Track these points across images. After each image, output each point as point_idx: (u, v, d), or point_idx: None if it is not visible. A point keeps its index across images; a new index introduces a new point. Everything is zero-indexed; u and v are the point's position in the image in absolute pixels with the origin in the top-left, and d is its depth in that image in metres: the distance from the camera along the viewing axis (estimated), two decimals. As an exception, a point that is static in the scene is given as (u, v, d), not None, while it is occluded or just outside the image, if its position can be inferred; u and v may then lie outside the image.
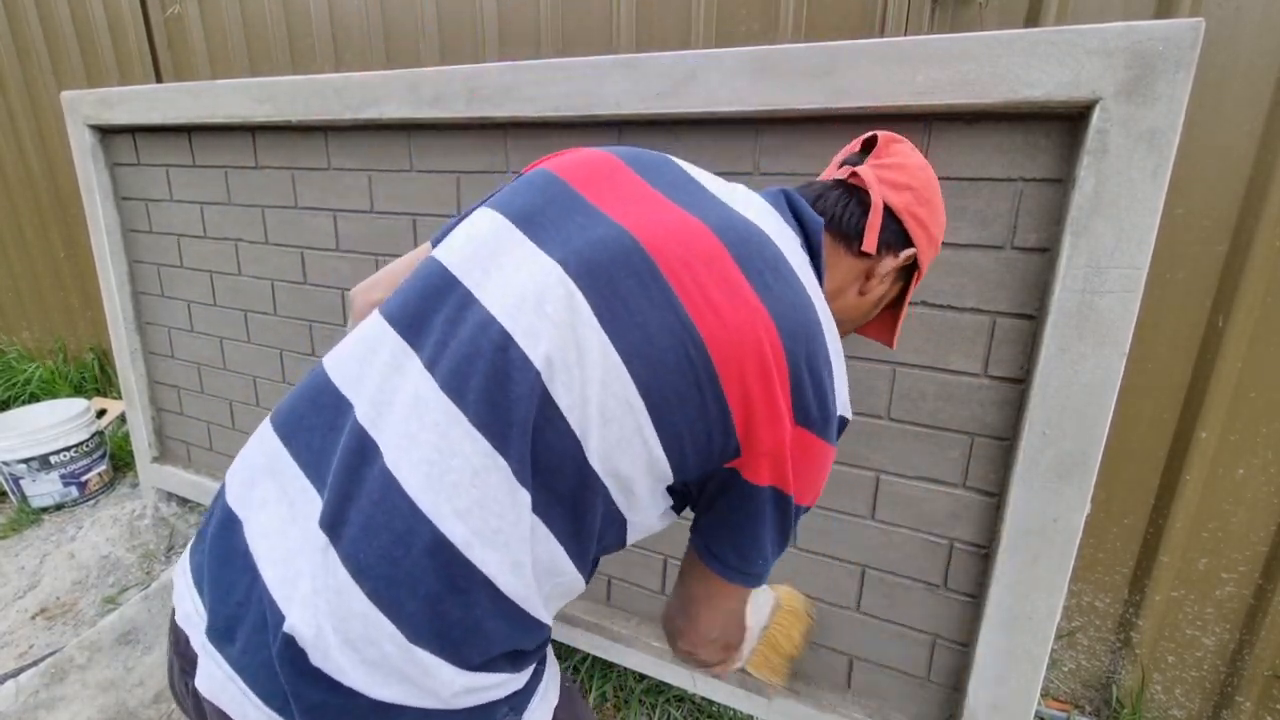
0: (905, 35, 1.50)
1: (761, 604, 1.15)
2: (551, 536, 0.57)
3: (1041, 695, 1.51)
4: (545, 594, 0.60)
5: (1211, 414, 1.37)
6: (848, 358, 0.66)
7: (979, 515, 1.09)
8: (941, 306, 1.04)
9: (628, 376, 0.54)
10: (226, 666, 0.56)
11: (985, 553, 1.10)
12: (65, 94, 1.87)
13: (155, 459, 2.18)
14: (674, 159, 0.69)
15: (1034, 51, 0.87)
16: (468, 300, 0.57)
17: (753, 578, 0.65)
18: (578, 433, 0.54)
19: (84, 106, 1.83)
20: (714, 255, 0.56)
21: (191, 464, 2.15)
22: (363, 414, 0.56)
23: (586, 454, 0.55)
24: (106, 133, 1.88)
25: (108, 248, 1.94)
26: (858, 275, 0.73)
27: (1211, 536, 1.44)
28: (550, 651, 0.70)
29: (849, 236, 0.71)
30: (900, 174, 0.72)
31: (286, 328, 1.75)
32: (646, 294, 0.55)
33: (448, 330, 0.56)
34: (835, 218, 0.71)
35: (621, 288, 0.55)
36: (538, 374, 0.53)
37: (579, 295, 0.55)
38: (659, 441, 0.56)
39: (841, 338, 0.72)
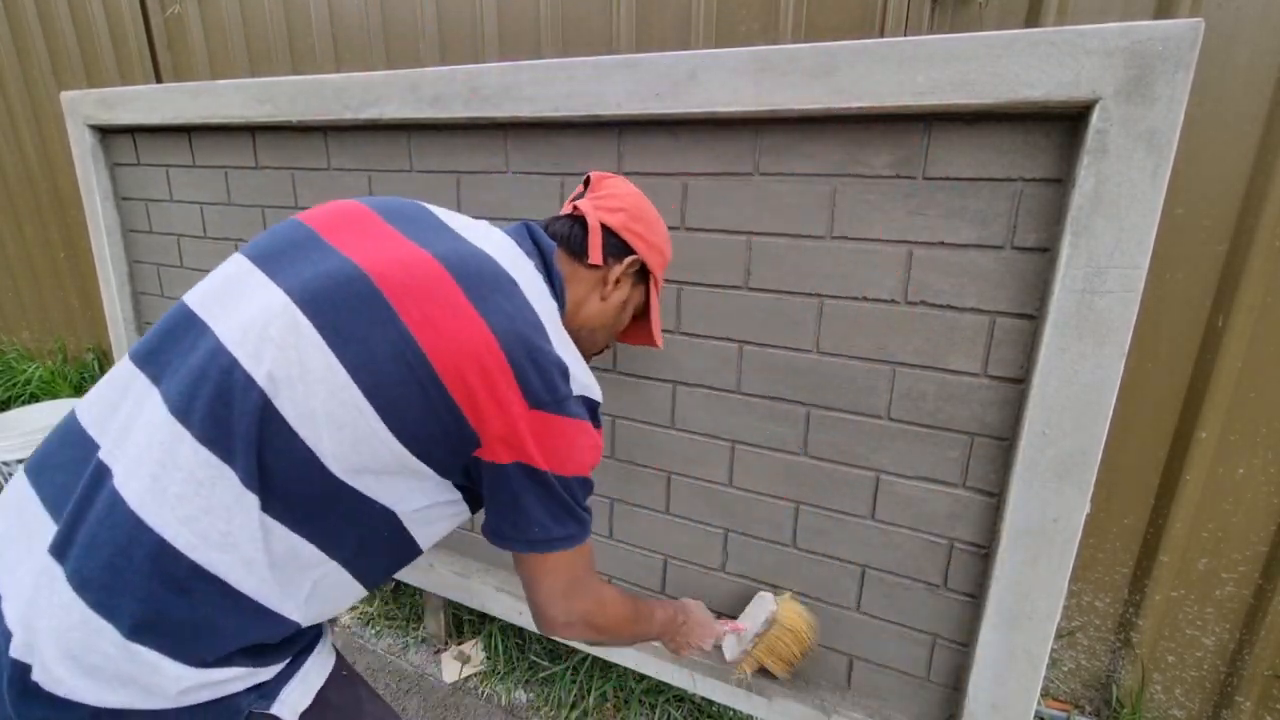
0: (905, 35, 1.50)
1: (758, 614, 1.22)
2: (291, 533, 0.64)
3: (1041, 695, 1.51)
4: (301, 590, 0.67)
5: (1211, 414, 1.37)
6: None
7: (979, 515, 1.09)
8: (941, 306, 1.04)
9: (354, 386, 0.62)
10: None
11: (985, 553, 1.10)
12: (65, 94, 1.87)
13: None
14: (430, 207, 0.79)
15: (1034, 51, 0.87)
16: (202, 332, 0.65)
17: (541, 544, 0.73)
18: (308, 440, 0.62)
19: (84, 107, 1.83)
20: (436, 279, 0.66)
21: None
22: (106, 450, 0.63)
23: (321, 458, 0.62)
24: (106, 133, 1.88)
25: (108, 248, 1.94)
26: (595, 284, 0.88)
27: (1211, 536, 1.44)
28: (322, 644, 0.75)
29: (579, 254, 0.86)
30: (612, 200, 0.90)
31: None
32: (369, 314, 0.63)
33: (181, 361, 0.64)
34: (564, 239, 0.87)
35: (344, 310, 0.63)
36: (261, 391, 0.60)
37: (303, 319, 0.63)
38: (397, 440, 0.64)
39: (606, 346, 0.98)
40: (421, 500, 0.72)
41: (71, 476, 0.63)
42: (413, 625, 1.90)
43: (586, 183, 0.95)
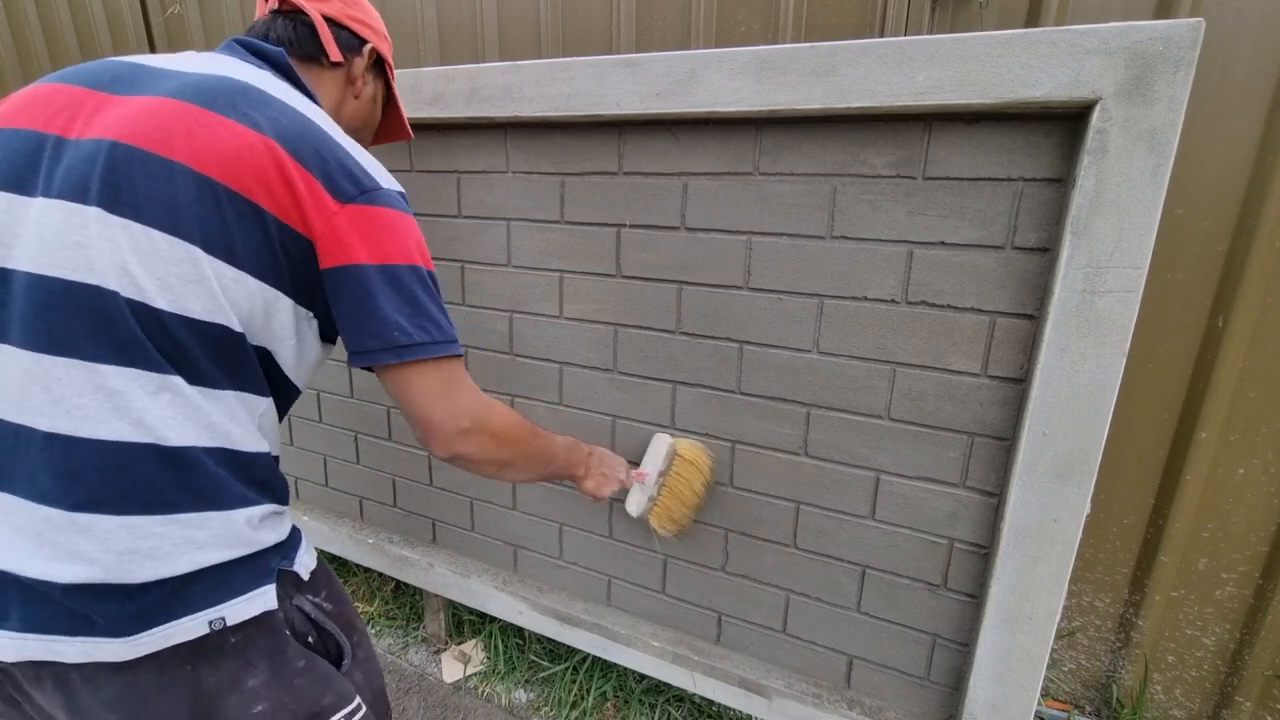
0: (905, 35, 1.50)
1: (658, 450, 1.19)
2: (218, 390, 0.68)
3: (1041, 695, 1.51)
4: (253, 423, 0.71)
5: (1211, 414, 1.37)
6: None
7: (979, 515, 1.09)
8: (941, 306, 1.04)
9: (176, 239, 0.63)
10: None
11: (985, 553, 1.10)
12: (65, 94, 1.87)
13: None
14: (129, 59, 0.74)
15: (1034, 51, 0.87)
16: (6, 278, 0.63)
17: (405, 350, 0.72)
18: (154, 302, 0.62)
19: (84, 106, 1.83)
20: (186, 115, 0.65)
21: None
22: None
23: (154, 306, 0.62)
24: (106, 133, 1.88)
25: (108, 248, 1.94)
26: (343, 84, 0.87)
27: (1211, 536, 1.44)
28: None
29: (315, 56, 0.82)
30: None
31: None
32: (148, 173, 0.63)
33: (6, 301, 0.63)
34: (292, 43, 0.81)
35: (123, 184, 0.63)
36: (90, 286, 0.61)
37: (91, 211, 0.62)
38: (235, 270, 0.65)
39: (370, 145, 0.95)
40: (291, 335, 0.73)
41: None
42: (413, 625, 1.90)
43: None
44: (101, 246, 0.61)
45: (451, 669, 1.75)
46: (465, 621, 1.86)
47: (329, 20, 0.83)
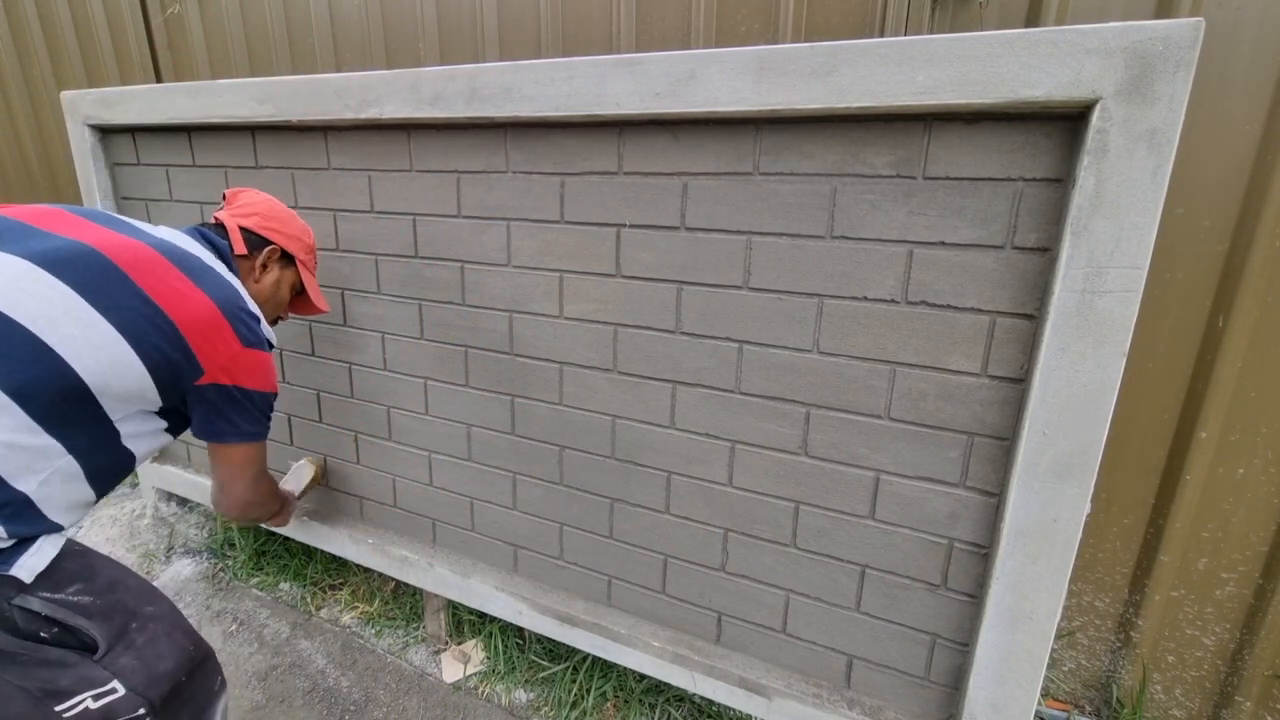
0: (905, 35, 1.50)
1: (302, 476, 1.77)
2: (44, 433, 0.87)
3: (1041, 695, 1.51)
4: (39, 475, 0.87)
5: (1211, 414, 1.37)
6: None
7: (979, 515, 1.09)
8: (941, 306, 1.04)
9: (108, 324, 0.88)
10: None
11: (985, 553, 1.10)
12: (65, 94, 1.87)
13: (155, 458, 2.18)
14: (108, 212, 1.07)
15: (1034, 51, 0.87)
16: None
17: (247, 435, 1.10)
18: (71, 362, 0.85)
19: (84, 106, 1.83)
20: (156, 260, 0.97)
21: (191, 464, 2.15)
22: None
23: (90, 386, 0.87)
24: (106, 133, 1.88)
25: (108, 248, 1.94)
26: (252, 269, 1.24)
27: (1211, 536, 1.44)
28: (59, 532, 0.93)
29: (232, 249, 1.19)
30: (246, 208, 1.25)
31: (285, 328, 1.75)
32: (110, 280, 0.90)
33: None
34: (219, 240, 1.17)
35: (86, 274, 0.88)
36: (24, 329, 0.82)
37: (48, 276, 0.86)
38: (151, 378, 0.94)
39: (281, 317, 1.37)
40: (144, 429, 1.00)
41: None
42: (413, 625, 1.90)
43: (224, 198, 1.29)
44: (40, 298, 0.86)
45: (451, 669, 1.75)
46: (465, 621, 1.86)
47: (243, 229, 1.22)
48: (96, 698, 0.87)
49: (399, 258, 1.51)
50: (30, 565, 0.85)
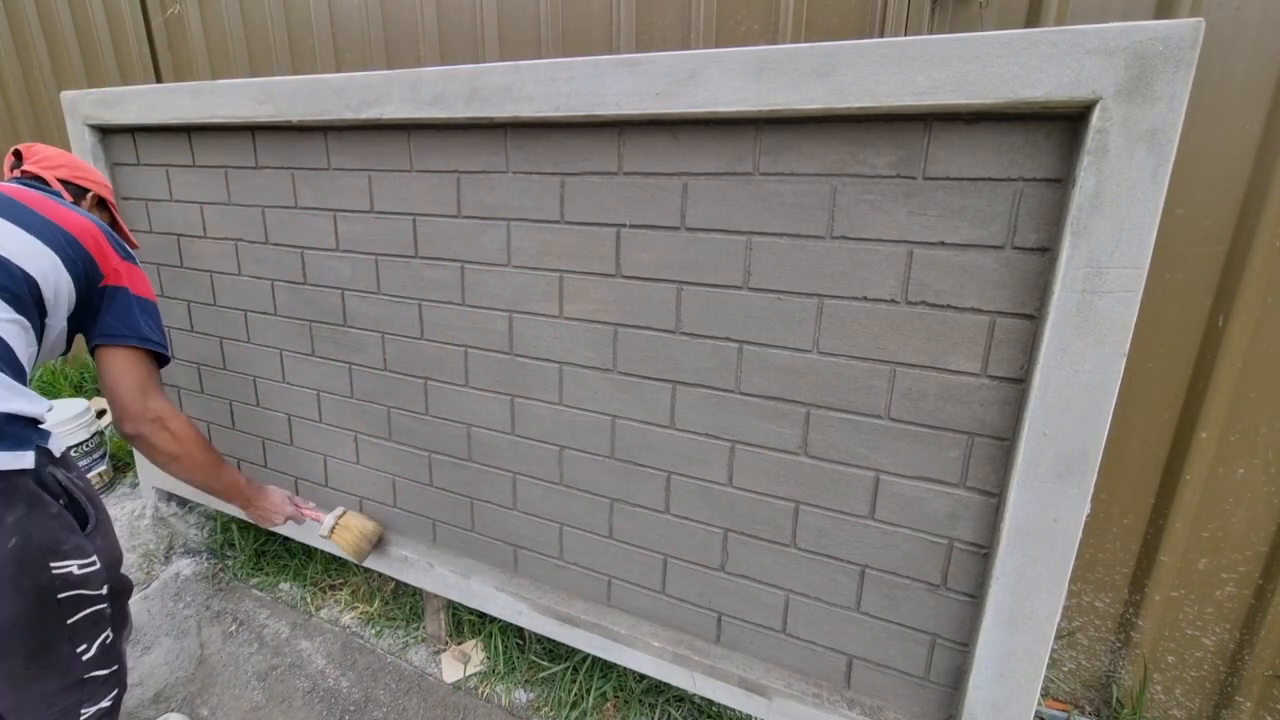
0: (905, 35, 1.50)
1: (328, 518, 1.66)
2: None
3: (1041, 695, 1.51)
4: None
5: (1211, 414, 1.37)
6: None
7: (979, 515, 1.09)
8: (941, 306, 1.04)
9: (47, 249, 1.11)
10: None
11: (985, 553, 1.10)
12: (65, 94, 1.87)
13: (155, 459, 2.18)
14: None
15: (1034, 51, 0.87)
16: None
17: (142, 340, 1.22)
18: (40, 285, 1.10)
19: (84, 106, 1.83)
20: (38, 198, 1.18)
21: (191, 464, 2.15)
22: None
23: (40, 287, 1.10)
24: (106, 133, 1.88)
25: (108, 248, 1.94)
26: (86, 209, 1.39)
27: (1211, 536, 1.44)
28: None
29: (61, 197, 1.32)
30: (50, 161, 1.38)
31: (286, 328, 1.75)
32: (27, 213, 1.13)
33: None
34: (50, 190, 1.32)
35: (7, 209, 1.11)
36: None
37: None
38: (72, 281, 1.14)
39: (135, 246, 1.44)
40: (59, 328, 1.17)
41: None
42: (413, 625, 1.90)
43: (17, 155, 1.40)
44: None
45: (451, 669, 1.75)
46: (465, 621, 1.86)
47: (61, 180, 1.38)
48: (80, 567, 1.05)
49: (399, 258, 1.51)
50: (58, 446, 1.09)
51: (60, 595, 1.03)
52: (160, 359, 1.27)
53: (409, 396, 1.62)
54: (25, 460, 1.00)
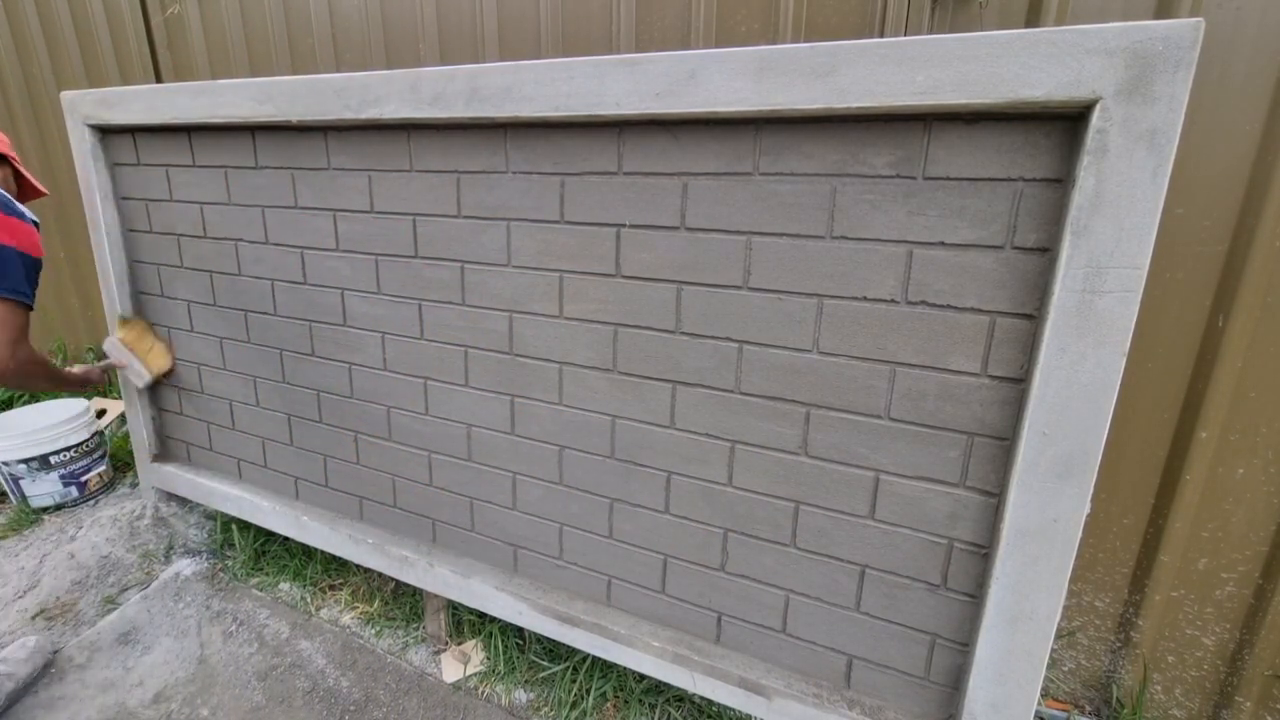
0: (905, 35, 1.50)
1: (112, 351, 1.95)
2: None
3: (1041, 695, 1.51)
4: None
5: (1211, 414, 1.37)
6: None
7: (979, 515, 1.09)
8: (941, 306, 1.04)
9: None
10: None
11: (985, 553, 1.10)
12: (65, 94, 1.87)
13: (155, 459, 2.18)
14: None
15: (1034, 51, 0.87)
16: None
17: (12, 293, 1.49)
18: None
19: (84, 106, 1.83)
20: None
21: (191, 464, 2.15)
22: None
23: None
24: (106, 133, 1.88)
25: (108, 248, 1.94)
26: None
27: (1211, 536, 1.44)
28: None
29: None
30: None
31: (286, 328, 1.75)
32: None
33: None
34: None
35: None
36: None
37: None
38: None
39: (27, 199, 1.80)
40: None
41: None
42: (413, 625, 1.90)
43: None
44: None
45: (451, 669, 1.75)
46: (465, 621, 1.86)
47: None
48: None
49: (399, 258, 1.51)
50: None
51: None
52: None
53: (409, 396, 1.62)
54: None
